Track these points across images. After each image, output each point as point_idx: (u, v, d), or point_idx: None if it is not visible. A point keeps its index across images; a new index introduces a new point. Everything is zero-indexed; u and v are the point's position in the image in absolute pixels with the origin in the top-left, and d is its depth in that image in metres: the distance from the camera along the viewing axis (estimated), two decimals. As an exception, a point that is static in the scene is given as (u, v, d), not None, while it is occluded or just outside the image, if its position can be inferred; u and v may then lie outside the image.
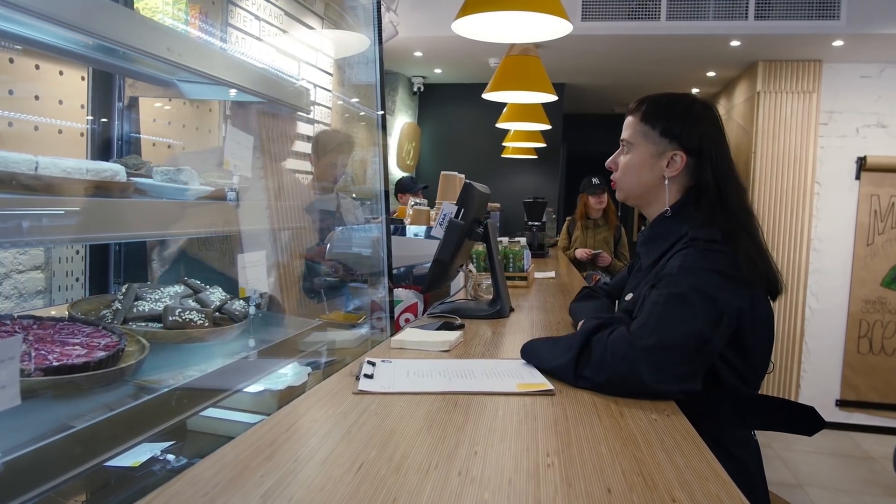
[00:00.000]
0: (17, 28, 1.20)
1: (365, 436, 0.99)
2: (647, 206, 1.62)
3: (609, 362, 1.25)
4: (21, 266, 2.60)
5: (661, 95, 1.59)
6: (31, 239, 1.07)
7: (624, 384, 1.25)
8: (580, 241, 5.24)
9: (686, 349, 1.25)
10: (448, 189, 3.26)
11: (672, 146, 1.53)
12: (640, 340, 1.24)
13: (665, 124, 1.53)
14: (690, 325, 1.27)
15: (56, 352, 1.12)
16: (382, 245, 1.94)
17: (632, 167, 1.59)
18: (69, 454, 0.97)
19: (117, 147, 1.90)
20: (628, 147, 1.60)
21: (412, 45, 5.56)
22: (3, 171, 1.00)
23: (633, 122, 1.59)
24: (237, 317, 1.50)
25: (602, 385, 1.26)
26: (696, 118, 1.53)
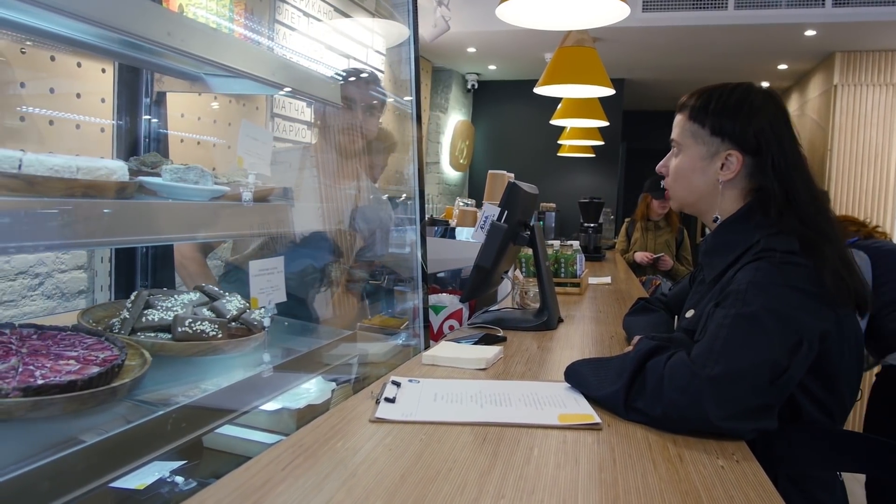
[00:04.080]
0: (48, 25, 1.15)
1: (371, 481, 0.84)
2: (705, 215, 1.42)
3: (666, 393, 1.07)
4: (63, 265, 2.57)
5: (711, 88, 1.39)
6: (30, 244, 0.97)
7: (683, 420, 1.06)
8: (640, 244, 4.99)
9: (758, 380, 1.05)
10: (495, 189, 3.10)
11: (725, 145, 1.33)
12: (704, 369, 1.06)
13: (715, 121, 1.33)
14: (763, 351, 1.07)
15: (46, 367, 1.02)
16: (416, 248, 1.79)
17: (682, 172, 1.40)
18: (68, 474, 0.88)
19: (144, 144, 1.81)
20: (678, 148, 1.41)
21: (465, 40, 5.42)
22: (-20, 168, 0.90)
23: (682, 119, 1.40)
24: (255, 327, 1.38)
25: (657, 420, 1.08)
26: (751, 111, 1.31)
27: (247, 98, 3.49)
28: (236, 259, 2.15)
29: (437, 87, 7.01)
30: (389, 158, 2.32)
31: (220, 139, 3.13)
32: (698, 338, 1.19)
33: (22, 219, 0.92)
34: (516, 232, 1.88)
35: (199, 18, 2.80)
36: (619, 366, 1.19)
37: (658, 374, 1.10)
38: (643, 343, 1.21)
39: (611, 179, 7.42)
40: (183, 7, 2.76)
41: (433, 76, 6.94)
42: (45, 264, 2.46)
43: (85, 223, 0.99)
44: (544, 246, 2.09)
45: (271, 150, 1.36)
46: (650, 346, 1.18)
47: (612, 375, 1.18)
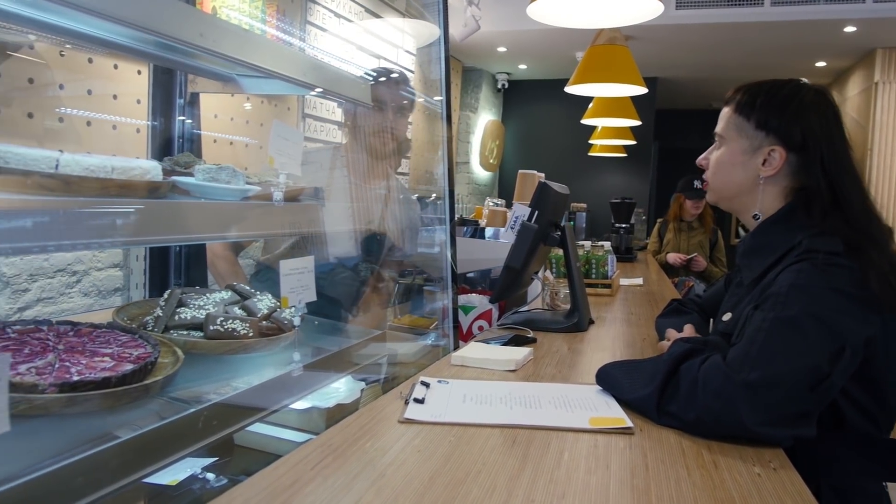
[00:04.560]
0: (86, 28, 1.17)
1: (399, 482, 0.84)
2: (743, 212, 1.38)
3: (700, 398, 1.04)
4: (100, 264, 2.63)
5: (761, 82, 1.36)
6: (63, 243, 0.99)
7: (718, 425, 1.04)
8: (672, 245, 4.91)
9: (797, 386, 1.02)
10: (526, 189, 3.08)
11: (769, 140, 1.29)
12: (740, 374, 1.03)
13: (761, 115, 1.30)
14: (803, 357, 1.04)
15: (81, 364, 1.04)
16: (446, 248, 1.79)
17: (722, 164, 1.37)
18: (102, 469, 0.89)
19: (178, 144, 1.84)
20: (721, 141, 1.38)
21: (496, 39, 5.40)
22: (20, 168, 0.92)
23: (727, 113, 1.37)
24: (286, 326, 1.39)
25: (691, 424, 1.06)
26: (800, 108, 1.28)
27: (278, 99, 3.52)
28: (267, 258, 2.17)
29: (467, 87, 7.00)
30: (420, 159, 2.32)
31: (252, 139, 3.16)
32: (735, 341, 1.16)
33: (60, 218, 0.93)
34: (547, 232, 1.86)
35: (232, 20, 2.83)
36: (651, 369, 1.17)
37: (692, 377, 1.08)
38: (676, 346, 1.18)
39: (643, 179, 7.34)
40: (216, 9, 2.80)
41: (463, 76, 6.93)
42: (82, 262, 2.52)
43: (120, 222, 1.00)
44: (575, 246, 2.07)
45: (302, 150, 1.37)
46: (684, 348, 1.15)
47: (644, 378, 1.16)
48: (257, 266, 2.25)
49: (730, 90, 1.40)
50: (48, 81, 2.14)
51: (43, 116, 2.13)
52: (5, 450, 0.75)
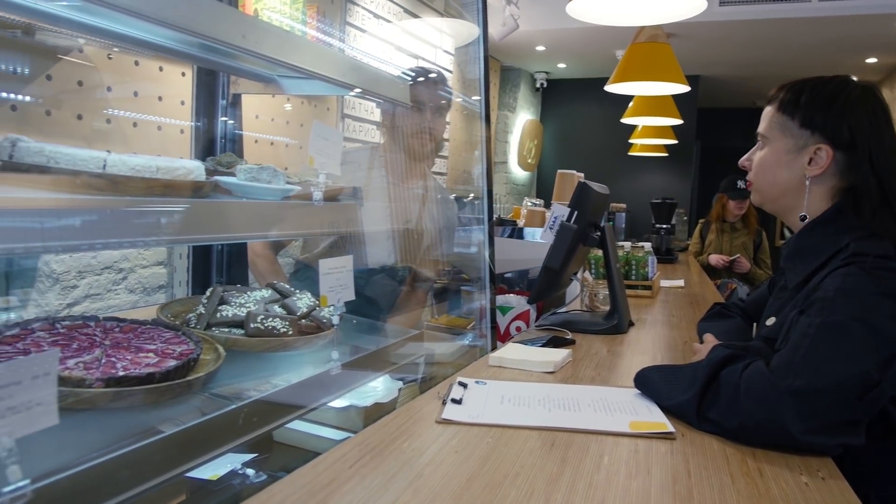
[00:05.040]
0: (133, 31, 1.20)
1: (437, 483, 0.84)
2: (788, 214, 1.34)
3: (743, 405, 1.02)
4: (144, 261, 2.69)
5: (805, 80, 1.31)
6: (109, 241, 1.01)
7: (761, 433, 1.01)
8: (714, 246, 4.81)
9: (844, 394, 0.99)
10: (564, 189, 3.06)
11: (815, 139, 1.25)
12: (785, 381, 1.00)
13: (807, 113, 1.26)
14: (851, 364, 1.01)
15: (127, 359, 1.06)
16: (484, 248, 1.78)
17: (766, 165, 1.33)
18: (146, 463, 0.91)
19: (220, 145, 1.87)
20: (764, 141, 1.35)
21: (534, 38, 5.37)
22: (69, 168, 0.95)
23: (771, 112, 1.33)
24: (324, 325, 1.40)
25: (732, 432, 1.03)
26: (847, 104, 1.23)
27: (318, 99, 3.56)
28: (307, 257, 2.20)
29: (505, 87, 6.97)
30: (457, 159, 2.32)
31: (292, 139, 3.20)
32: (779, 347, 1.13)
33: (107, 216, 0.95)
34: (586, 233, 1.84)
35: (274, 21, 2.87)
36: (691, 374, 1.14)
37: (733, 384, 1.05)
38: (717, 351, 1.16)
39: (684, 179, 7.21)
40: (258, 11, 2.84)
41: (502, 75, 6.91)
42: (128, 260, 2.58)
43: (164, 221, 1.02)
44: (615, 247, 2.04)
45: (341, 150, 1.38)
46: (724, 354, 1.13)
47: (683, 384, 1.13)
48: (296, 265, 2.28)
49: (773, 88, 1.36)
50: (96, 84, 2.20)
51: (91, 118, 2.18)
52: (54, 442, 0.77)
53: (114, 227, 0.97)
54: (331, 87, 1.60)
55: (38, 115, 2.04)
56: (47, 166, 0.92)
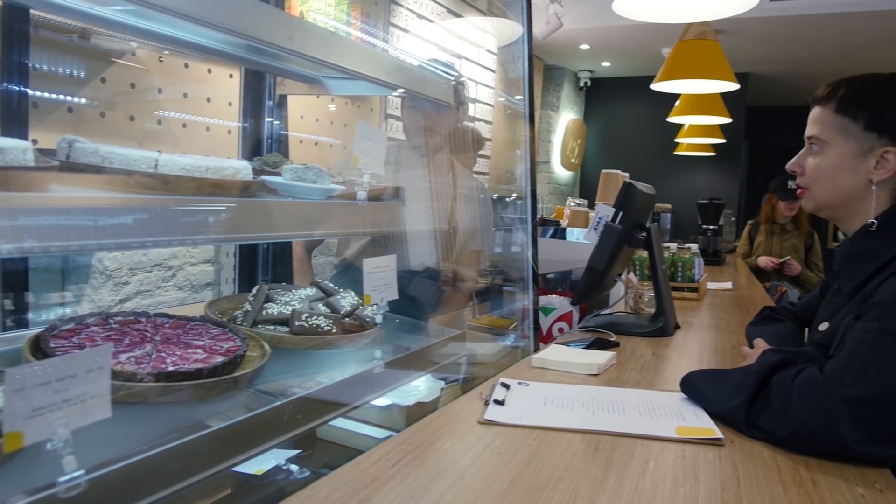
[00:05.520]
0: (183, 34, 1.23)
1: (479, 484, 0.83)
2: (847, 219, 1.29)
3: (795, 412, 0.99)
4: (193, 259, 2.75)
5: (860, 78, 1.25)
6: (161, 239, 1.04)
7: (815, 442, 0.98)
8: (763, 248, 4.69)
9: None
10: (609, 189, 3.01)
11: (882, 141, 1.20)
12: (839, 388, 0.96)
13: (871, 114, 1.20)
14: None
15: (176, 355, 1.09)
16: (528, 249, 1.77)
17: (826, 171, 1.27)
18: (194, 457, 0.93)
19: (266, 145, 1.90)
20: (820, 145, 1.28)
21: (578, 37, 5.31)
22: (122, 167, 0.97)
23: (825, 113, 1.27)
24: (368, 323, 1.41)
25: (784, 440, 1.00)
26: None
27: (361, 100, 3.59)
28: (346, 257, 2.22)
29: (548, 86, 6.92)
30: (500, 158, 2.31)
31: (336, 139, 3.24)
32: (833, 353, 1.10)
33: (157, 215, 0.97)
34: (631, 233, 1.81)
35: (319, 23, 2.91)
36: (739, 379, 1.11)
37: (785, 390, 1.02)
38: (767, 356, 1.12)
39: (732, 179, 7.05)
40: (303, 13, 2.88)
41: (545, 74, 6.87)
42: (177, 258, 2.64)
43: (213, 220, 1.04)
44: (661, 248, 2.00)
45: (385, 150, 1.38)
46: (775, 359, 1.09)
47: (731, 389, 1.10)
48: (341, 263, 2.30)
49: (821, 88, 1.30)
50: (148, 86, 2.26)
51: (143, 119, 2.24)
52: (106, 434, 0.79)
53: (164, 225, 0.99)
54: (375, 88, 1.61)
55: (93, 117, 2.10)
56: (102, 166, 0.95)
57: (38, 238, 0.77)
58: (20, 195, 0.77)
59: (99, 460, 0.75)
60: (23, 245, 0.75)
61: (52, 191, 0.83)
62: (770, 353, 1.13)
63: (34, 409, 0.67)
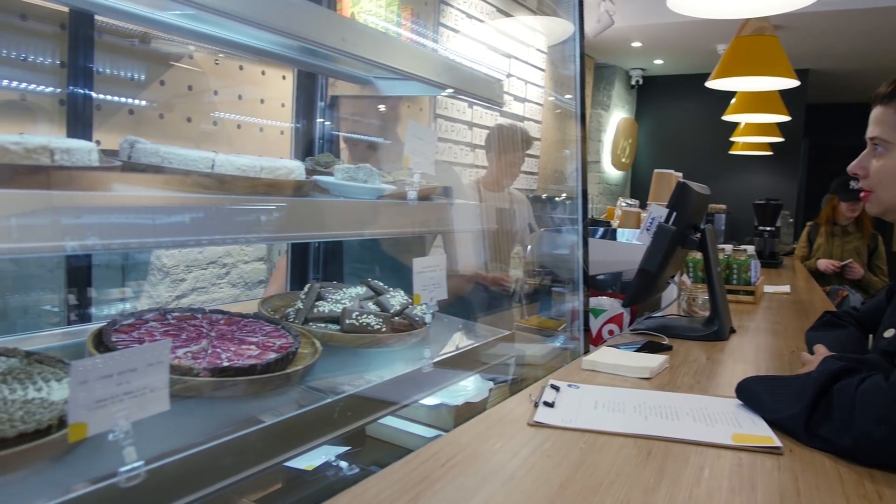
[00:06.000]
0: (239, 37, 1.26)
1: (529, 485, 0.82)
2: None
3: (858, 422, 0.95)
4: (246, 258, 2.81)
5: None
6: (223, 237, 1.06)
7: (880, 453, 0.93)
8: (823, 251, 4.53)
9: None
10: (661, 189, 2.96)
11: None
12: (909, 397, 0.92)
13: None
14: None
15: (231, 351, 1.11)
16: (578, 250, 1.75)
17: (891, 173, 1.21)
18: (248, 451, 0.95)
19: (318, 145, 1.92)
20: (885, 146, 1.22)
21: (630, 34, 5.23)
22: (181, 168, 1.00)
23: (888, 113, 1.20)
24: (417, 323, 1.42)
25: (846, 450, 0.96)
26: None
27: (411, 100, 3.61)
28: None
29: (599, 84, 6.83)
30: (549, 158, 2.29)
31: (385, 139, 3.26)
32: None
33: (213, 214, 1.00)
34: (685, 235, 1.77)
35: (369, 24, 2.93)
36: (799, 386, 1.07)
37: (848, 399, 0.98)
38: (828, 363, 1.08)
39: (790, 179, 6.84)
40: (354, 14, 2.91)
41: (596, 73, 6.78)
42: (231, 256, 2.71)
43: (267, 219, 1.06)
44: (716, 250, 1.95)
45: (436, 149, 1.38)
46: (837, 366, 1.05)
47: (790, 397, 1.07)
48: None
49: (883, 85, 1.24)
50: (204, 88, 2.32)
51: (199, 120, 2.30)
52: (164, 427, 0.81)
53: (219, 224, 1.01)
54: (425, 88, 1.61)
55: (152, 118, 2.17)
56: (161, 166, 0.98)
57: (100, 236, 0.79)
58: (82, 194, 0.80)
59: (157, 452, 0.78)
60: (86, 242, 0.78)
61: (114, 190, 0.85)
62: (832, 360, 1.09)
63: (97, 400, 0.69)
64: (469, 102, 3.90)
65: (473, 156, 3.94)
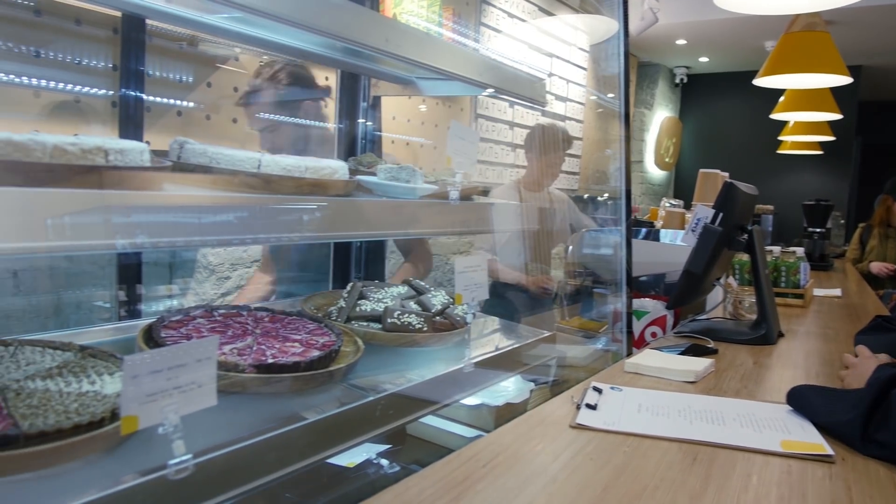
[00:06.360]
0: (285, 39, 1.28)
1: (572, 489, 0.82)
2: None
3: None
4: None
5: None
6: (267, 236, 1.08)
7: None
8: (876, 253, 4.38)
9: None
10: (707, 189, 2.90)
11: None
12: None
13: None
14: None
15: (275, 348, 1.13)
16: (621, 251, 1.72)
17: None
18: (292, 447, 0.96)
19: (361, 145, 1.94)
20: None
21: (674, 31, 5.14)
22: (228, 168, 1.02)
23: None
24: (458, 323, 1.41)
25: None
26: None
27: (452, 100, 3.61)
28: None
29: (642, 83, 6.74)
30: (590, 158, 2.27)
31: (427, 140, 3.27)
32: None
33: (258, 213, 1.01)
34: (732, 236, 1.73)
35: (411, 24, 2.95)
36: (854, 395, 1.04)
37: None
38: (883, 370, 1.05)
39: (841, 179, 6.64)
40: (396, 15, 2.93)
41: (639, 71, 6.69)
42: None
43: (310, 218, 1.07)
44: (764, 252, 1.91)
45: (477, 150, 1.38)
46: (892, 372, 1.02)
47: (846, 403, 1.04)
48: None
49: None
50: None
51: (244, 121, 2.34)
52: (209, 422, 0.82)
53: (265, 223, 1.02)
54: (467, 87, 1.61)
55: (199, 119, 2.21)
56: (209, 166, 1.00)
57: (149, 234, 0.81)
58: (134, 193, 0.82)
59: (203, 446, 0.79)
60: (135, 240, 0.80)
61: (164, 189, 0.87)
62: (887, 367, 1.06)
63: (148, 394, 0.71)
64: (510, 102, 3.88)
65: (514, 155, 3.93)
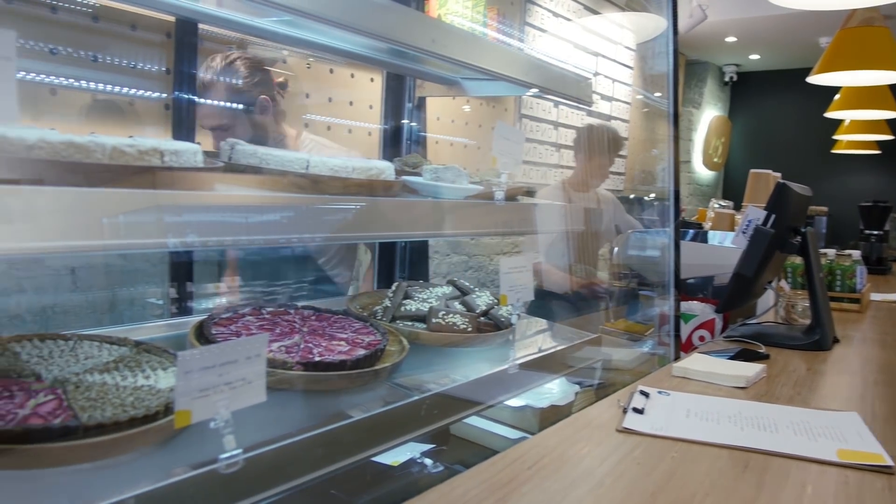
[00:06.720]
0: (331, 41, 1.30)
1: (619, 493, 0.81)
2: None
3: None
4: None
5: None
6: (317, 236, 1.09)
7: None
8: (938, 256, 4.21)
9: None
10: (758, 190, 2.83)
11: None
12: None
13: None
14: None
15: (322, 346, 1.14)
16: (669, 253, 1.69)
17: None
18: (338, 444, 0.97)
19: (405, 146, 1.95)
20: None
21: (724, 29, 5.03)
22: (277, 168, 1.03)
23: None
24: (503, 323, 1.41)
25: None
26: None
27: (496, 100, 3.60)
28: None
29: (690, 81, 6.61)
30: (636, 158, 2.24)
31: (470, 140, 3.27)
32: None
33: (304, 213, 1.03)
34: (784, 238, 1.68)
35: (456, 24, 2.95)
36: None
37: None
38: None
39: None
40: (441, 16, 2.93)
41: (686, 69, 6.56)
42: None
43: (356, 218, 1.08)
44: (818, 255, 1.85)
45: (522, 150, 1.37)
46: None
47: None
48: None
49: None
50: (297, 91, 2.40)
51: (292, 122, 2.38)
52: (260, 418, 0.84)
53: (313, 223, 1.04)
54: (512, 87, 1.60)
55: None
56: (259, 167, 1.02)
57: (198, 233, 0.83)
58: (182, 193, 0.83)
59: (252, 441, 0.80)
60: (185, 239, 0.81)
61: (216, 190, 0.89)
62: None
63: (201, 389, 0.72)
64: (555, 102, 3.85)
65: (559, 156, 3.89)
